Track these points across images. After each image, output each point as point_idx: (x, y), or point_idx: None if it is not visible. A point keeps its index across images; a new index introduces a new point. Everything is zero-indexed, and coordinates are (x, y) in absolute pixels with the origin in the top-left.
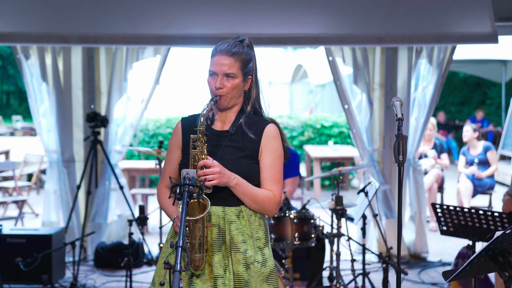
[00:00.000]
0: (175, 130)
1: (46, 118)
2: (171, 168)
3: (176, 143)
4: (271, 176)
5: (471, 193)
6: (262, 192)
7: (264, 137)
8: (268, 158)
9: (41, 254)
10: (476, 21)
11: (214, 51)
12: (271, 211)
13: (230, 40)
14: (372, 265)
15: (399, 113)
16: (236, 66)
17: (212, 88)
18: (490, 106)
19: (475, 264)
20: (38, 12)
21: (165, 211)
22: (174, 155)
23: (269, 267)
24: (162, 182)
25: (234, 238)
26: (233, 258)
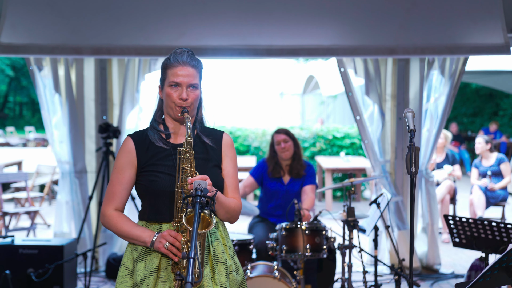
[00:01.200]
0: (126, 148)
1: (58, 129)
2: (123, 189)
3: (129, 161)
4: (234, 184)
5: (484, 204)
6: (232, 202)
7: (224, 145)
8: (230, 166)
9: (53, 265)
10: (488, 32)
11: (173, 62)
12: (236, 218)
13: (182, 51)
14: (384, 277)
15: (411, 124)
16: (197, 77)
17: (176, 100)
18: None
19: (488, 277)
20: (51, 24)
21: (127, 234)
22: (127, 175)
23: (241, 275)
24: (111, 204)
25: (215, 249)
26: (216, 269)
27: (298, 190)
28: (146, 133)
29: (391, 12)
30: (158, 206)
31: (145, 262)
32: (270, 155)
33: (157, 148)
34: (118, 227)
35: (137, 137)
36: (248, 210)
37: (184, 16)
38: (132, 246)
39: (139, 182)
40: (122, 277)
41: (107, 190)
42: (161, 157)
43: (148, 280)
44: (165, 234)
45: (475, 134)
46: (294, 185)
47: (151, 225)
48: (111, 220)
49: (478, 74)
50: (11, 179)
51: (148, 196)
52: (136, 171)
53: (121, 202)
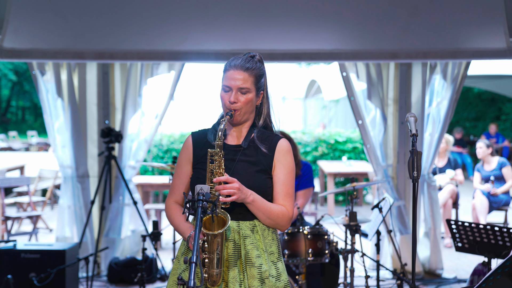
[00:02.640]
0: (186, 144)
1: (61, 134)
2: (181, 183)
3: (187, 158)
4: (285, 191)
5: (487, 209)
6: (276, 208)
7: (277, 151)
8: (281, 173)
9: (55, 269)
10: (490, 37)
11: (227, 66)
12: (284, 226)
13: (242, 55)
14: (387, 281)
15: (413, 129)
16: (250, 81)
17: (226, 102)
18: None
19: (491, 282)
20: (54, 29)
21: (176, 228)
22: (184, 170)
23: (283, 281)
24: (172, 197)
25: (249, 253)
26: (248, 273)
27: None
28: (207, 132)
29: (393, 17)
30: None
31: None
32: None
33: (211, 147)
34: (171, 219)
35: (197, 135)
36: None
37: (186, 20)
38: (183, 241)
39: (191, 178)
40: (175, 269)
41: (171, 183)
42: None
43: (184, 274)
44: (192, 233)
45: (478, 138)
46: None
47: (194, 221)
48: (168, 212)
49: (481, 79)
50: (13, 184)
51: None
52: (192, 167)
53: (180, 195)
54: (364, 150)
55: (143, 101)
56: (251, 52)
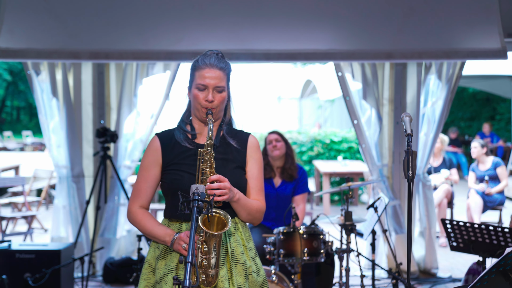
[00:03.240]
0: (153, 146)
1: (56, 134)
2: (149, 187)
3: (155, 160)
4: (258, 186)
5: (481, 208)
6: (255, 203)
7: (249, 147)
8: (254, 168)
9: (50, 269)
10: (485, 37)
11: (201, 64)
12: (259, 220)
13: (211, 53)
14: (382, 281)
15: (408, 129)
16: (224, 80)
17: (201, 101)
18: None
19: (486, 281)
20: (49, 29)
21: (150, 232)
22: (152, 173)
23: (262, 276)
24: (137, 202)
25: (234, 250)
26: (234, 271)
27: (290, 194)
28: (173, 132)
29: (389, 17)
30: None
31: (166, 260)
32: (263, 154)
33: (182, 148)
34: (142, 224)
35: (163, 136)
36: None
37: (182, 20)
38: (155, 244)
39: (163, 181)
40: (146, 274)
41: (133, 187)
42: (185, 157)
43: (167, 278)
44: (182, 235)
45: (472, 138)
46: (285, 188)
47: (172, 224)
48: (136, 217)
49: (475, 79)
50: (8, 184)
51: (170, 194)
52: (161, 170)
53: (147, 199)
54: (359, 150)
55: (138, 101)
56: (213, 50)
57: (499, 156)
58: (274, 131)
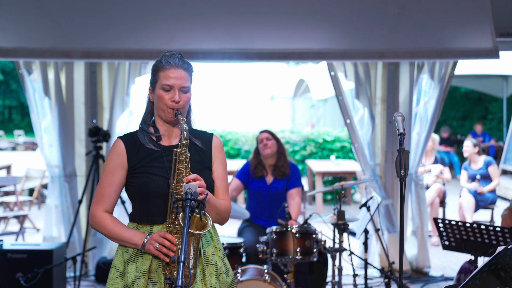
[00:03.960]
0: (117, 149)
1: (48, 133)
2: (113, 191)
3: (120, 163)
4: (224, 186)
5: (473, 207)
6: (223, 204)
7: (214, 147)
8: (220, 168)
9: (42, 269)
10: (477, 37)
11: (165, 64)
12: (226, 220)
13: (171, 54)
14: (374, 280)
15: (400, 128)
16: (189, 80)
17: (167, 102)
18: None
19: (477, 279)
20: (41, 28)
21: (119, 236)
22: (116, 176)
23: (231, 277)
24: (101, 206)
25: (206, 251)
26: (207, 271)
27: (282, 191)
28: (136, 135)
29: (381, 16)
30: (150, 208)
31: (136, 264)
32: (254, 154)
33: (147, 150)
34: (109, 228)
35: (127, 139)
36: (238, 214)
37: (174, 20)
38: (123, 248)
39: (130, 184)
40: (113, 279)
41: (97, 191)
42: (152, 159)
43: (139, 281)
44: (155, 235)
45: (464, 137)
46: (277, 185)
47: (142, 227)
48: (101, 222)
49: (467, 78)
50: (0, 183)
51: (139, 197)
52: (127, 173)
53: (111, 204)
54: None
55: (131, 100)
56: (173, 51)
57: (491, 155)
58: (265, 130)
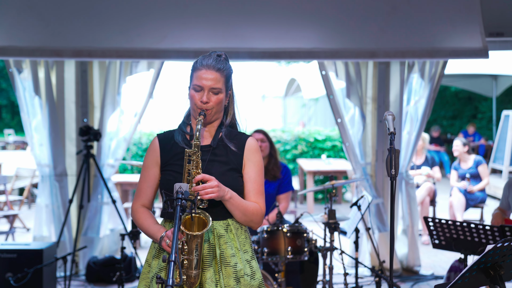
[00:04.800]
0: (152, 147)
1: (38, 132)
2: (149, 186)
3: (154, 160)
4: (256, 188)
5: (463, 206)
6: (251, 205)
7: (247, 150)
8: (252, 171)
9: (32, 269)
10: (467, 37)
11: (198, 65)
12: (257, 223)
13: (211, 55)
14: (365, 278)
15: (391, 127)
16: (221, 81)
17: (197, 102)
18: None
19: (467, 278)
20: (31, 26)
21: (146, 231)
22: (152, 173)
23: (257, 280)
24: (139, 200)
25: (224, 252)
26: (223, 273)
27: (273, 192)
28: (173, 134)
29: (372, 16)
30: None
31: (159, 259)
32: None
33: (179, 149)
34: (140, 222)
35: (163, 137)
36: None
37: (165, 19)
38: (153, 243)
39: (160, 181)
40: (145, 273)
41: (137, 186)
42: (181, 157)
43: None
44: (168, 232)
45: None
46: (268, 187)
47: (167, 223)
48: (136, 215)
49: (457, 78)
50: None
51: (164, 194)
52: (160, 170)
53: (147, 198)
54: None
55: (122, 99)
56: (217, 51)
57: (481, 154)
58: (260, 130)
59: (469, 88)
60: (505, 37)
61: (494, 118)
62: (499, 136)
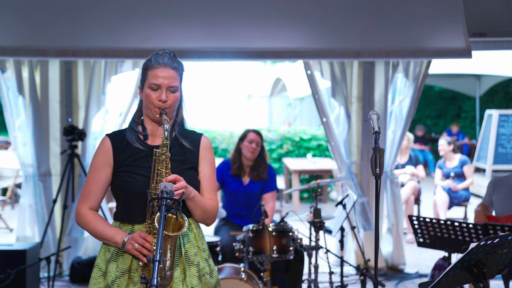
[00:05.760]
0: (103, 147)
1: (22, 132)
2: (99, 188)
3: (105, 161)
4: (211, 186)
5: (447, 205)
6: (209, 203)
7: (202, 148)
8: (207, 169)
9: (15, 270)
10: (450, 37)
11: (154, 64)
12: (213, 220)
13: (163, 53)
14: (350, 277)
15: (376, 127)
16: (178, 80)
17: (155, 101)
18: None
19: (451, 276)
20: (15, 26)
21: (101, 234)
22: (102, 174)
23: (215, 278)
24: (87, 203)
25: (188, 251)
26: (188, 272)
27: (258, 192)
28: (124, 133)
29: (357, 16)
30: (132, 207)
31: (117, 263)
32: (236, 151)
33: (134, 149)
34: (92, 226)
35: (114, 137)
36: None
37: (151, 18)
38: (106, 247)
39: (114, 183)
40: (95, 278)
41: (83, 189)
42: (137, 158)
43: (119, 281)
44: (135, 235)
45: (439, 135)
46: (253, 186)
47: (124, 226)
48: (85, 219)
49: (441, 77)
50: None
51: (122, 196)
52: (112, 171)
53: (96, 201)
54: (328, 148)
55: (107, 99)
56: (166, 50)
57: (465, 153)
58: (258, 132)
59: (453, 87)
60: (488, 37)
61: (477, 118)
62: (482, 135)
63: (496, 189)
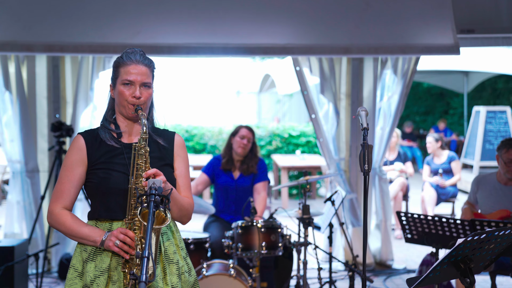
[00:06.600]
0: (77, 145)
1: (9, 128)
2: (73, 187)
3: (79, 159)
4: (186, 183)
5: (435, 201)
6: (185, 200)
7: (176, 145)
8: (182, 166)
9: (2, 266)
10: (439, 33)
11: (126, 60)
12: (189, 218)
13: (133, 50)
14: (339, 273)
15: (364, 123)
16: (150, 76)
17: (128, 98)
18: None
19: (438, 271)
20: (2, 21)
21: (76, 233)
22: (76, 172)
23: (193, 276)
24: (60, 202)
25: (167, 250)
26: (168, 270)
27: (249, 186)
28: (97, 132)
29: (346, 12)
30: (110, 204)
31: (95, 262)
32: (227, 146)
33: (108, 147)
34: (67, 225)
35: (87, 135)
36: (203, 209)
37: (139, 14)
38: (82, 247)
39: (90, 180)
40: (71, 279)
41: (56, 188)
42: (112, 156)
43: (98, 280)
44: (115, 232)
45: (427, 132)
46: (244, 181)
47: (101, 223)
48: (59, 219)
49: (430, 74)
50: None
51: (99, 194)
52: (86, 169)
53: (70, 200)
54: (317, 144)
55: (95, 95)
56: (135, 48)
57: (452, 149)
58: (251, 128)
59: (441, 84)
60: (475, 34)
61: (465, 114)
62: (470, 131)
63: (480, 187)
